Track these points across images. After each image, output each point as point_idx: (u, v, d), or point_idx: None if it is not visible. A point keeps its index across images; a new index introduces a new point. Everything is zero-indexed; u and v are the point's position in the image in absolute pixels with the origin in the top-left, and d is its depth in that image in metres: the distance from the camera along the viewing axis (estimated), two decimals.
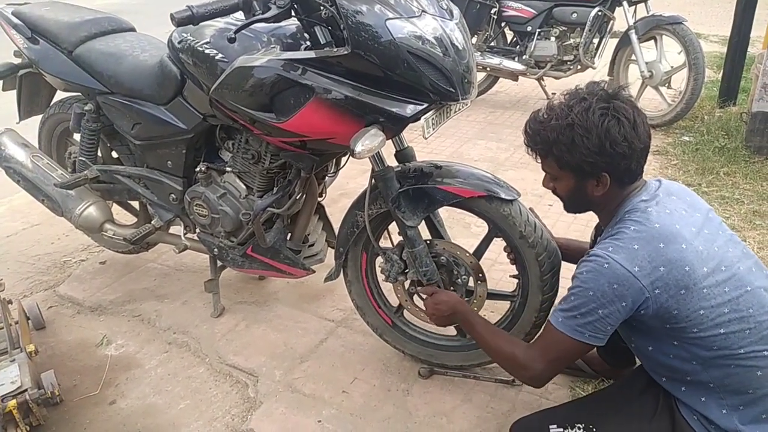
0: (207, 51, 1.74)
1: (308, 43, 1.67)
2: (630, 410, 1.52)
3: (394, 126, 1.59)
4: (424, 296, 1.87)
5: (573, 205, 1.58)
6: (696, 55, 3.77)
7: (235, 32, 1.55)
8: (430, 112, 1.63)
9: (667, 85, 4.13)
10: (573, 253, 1.85)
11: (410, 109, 1.54)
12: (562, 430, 1.51)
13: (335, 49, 1.52)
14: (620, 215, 1.45)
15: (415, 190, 1.78)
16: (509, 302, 1.97)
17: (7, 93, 2.63)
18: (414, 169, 1.81)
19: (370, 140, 1.52)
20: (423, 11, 1.53)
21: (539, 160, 1.52)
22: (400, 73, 1.48)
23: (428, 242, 1.88)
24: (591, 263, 1.38)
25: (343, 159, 2.13)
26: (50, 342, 2.32)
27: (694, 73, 3.81)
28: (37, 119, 2.70)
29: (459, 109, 1.79)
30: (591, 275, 1.37)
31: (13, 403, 1.78)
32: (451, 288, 1.93)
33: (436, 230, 1.98)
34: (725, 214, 3.01)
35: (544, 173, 1.55)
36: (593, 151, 1.38)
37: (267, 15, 1.52)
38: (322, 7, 1.50)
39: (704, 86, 4.84)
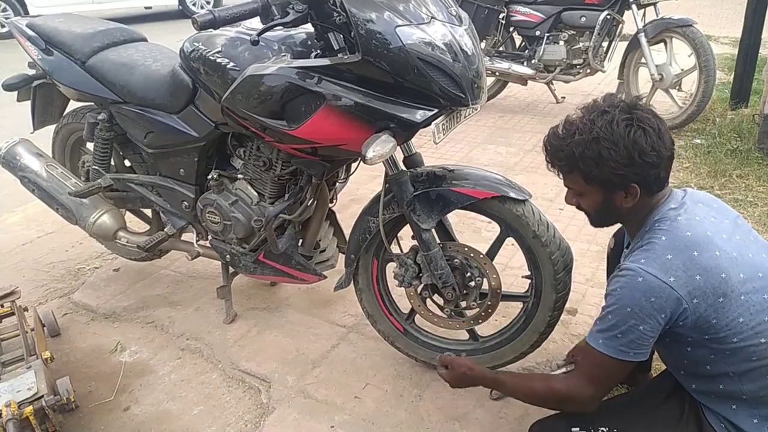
0: (218, 60, 1.76)
1: (319, 50, 1.69)
2: (655, 414, 1.50)
3: (404, 132, 1.60)
4: (440, 370, 1.75)
5: (600, 219, 1.54)
6: (707, 57, 3.76)
7: (258, 34, 1.57)
8: (441, 118, 1.64)
9: (677, 87, 4.12)
10: None
11: (421, 115, 1.55)
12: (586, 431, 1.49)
13: (346, 57, 1.53)
14: (649, 225, 1.43)
15: (429, 193, 1.79)
16: (522, 303, 1.97)
17: (22, 103, 2.67)
18: (426, 173, 1.82)
19: (382, 146, 1.53)
20: (432, 18, 1.54)
21: (561, 176, 1.49)
22: (411, 79, 1.49)
23: (441, 245, 1.89)
24: (624, 278, 1.35)
25: (354, 165, 2.14)
26: (65, 349, 2.34)
27: (704, 76, 3.79)
28: (51, 129, 2.74)
29: (469, 114, 1.80)
30: (626, 291, 1.34)
31: (29, 409, 1.80)
32: (464, 291, 1.92)
33: (447, 234, 1.99)
34: None
35: (566, 189, 1.52)
36: (622, 164, 1.35)
37: (286, 19, 1.53)
38: (336, 13, 1.51)
39: (715, 88, 4.82)
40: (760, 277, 1.34)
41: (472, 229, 3.04)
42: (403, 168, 1.81)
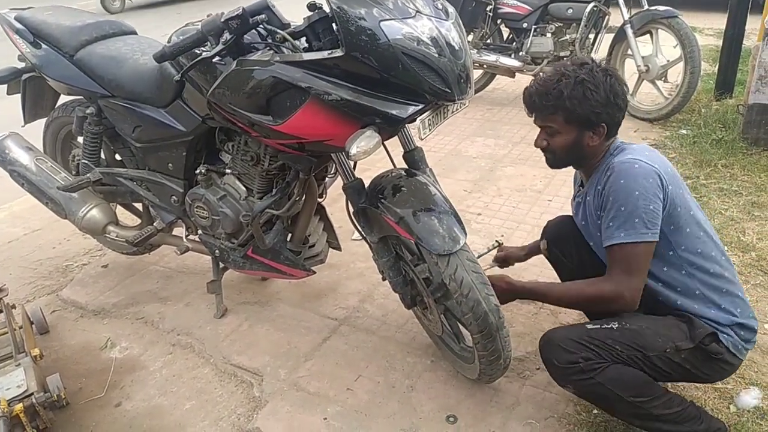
0: (204, 54, 1.75)
1: (306, 44, 1.68)
2: (654, 315, 1.70)
3: (390, 127, 1.60)
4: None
5: (563, 159, 1.75)
6: (692, 48, 3.78)
7: (181, 75, 1.77)
8: (427, 113, 1.64)
9: (663, 78, 4.14)
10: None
11: (406, 110, 1.54)
12: (599, 326, 1.64)
13: (330, 51, 1.52)
14: (608, 155, 1.69)
15: (367, 209, 1.81)
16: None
17: (12, 97, 2.64)
18: (376, 188, 1.79)
19: (366, 142, 1.53)
20: (418, 12, 1.52)
21: (538, 120, 1.71)
22: (396, 74, 1.48)
23: (396, 255, 1.92)
24: (621, 170, 1.59)
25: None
26: (55, 346, 2.33)
27: (690, 67, 3.82)
28: (42, 122, 2.71)
29: (457, 109, 1.79)
30: (629, 179, 1.57)
31: (19, 406, 1.79)
32: (415, 306, 2.01)
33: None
34: (724, 206, 3.02)
35: (539, 130, 1.73)
36: (601, 103, 1.60)
37: (211, 52, 1.64)
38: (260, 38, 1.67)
39: (701, 79, 4.86)
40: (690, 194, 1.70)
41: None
42: (359, 177, 1.84)
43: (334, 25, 1.54)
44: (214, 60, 1.70)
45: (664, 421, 1.62)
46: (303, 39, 1.68)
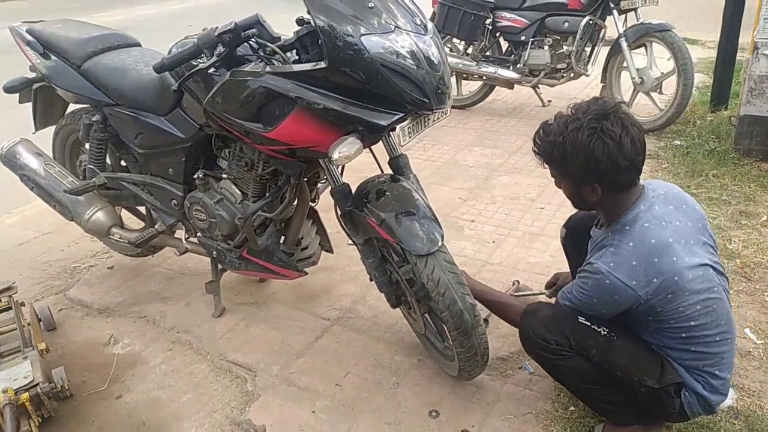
0: (200, 65, 1.86)
1: (296, 56, 1.79)
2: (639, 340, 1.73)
3: (371, 134, 1.71)
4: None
5: (576, 205, 1.79)
6: (684, 61, 3.86)
7: (179, 85, 1.88)
8: (407, 122, 1.74)
9: (658, 90, 4.21)
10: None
11: (386, 119, 1.64)
12: (589, 324, 1.69)
13: (315, 63, 1.62)
14: (621, 224, 1.64)
15: (353, 212, 1.90)
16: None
17: (24, 105, 2.78)
18: (362, 192, 1.89)
19: (348, 148, 1.64)
20: (397, 27, 1.62)
21: (545, 166, 1.71)
22: (376, 84, 1.58)
23: (383, 257, 2.02)
24: (594, 277, 1.62)
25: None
26: (61, 342, 2.44)
27: (683, 79, 3.90)
28: (51, 130, 2.85)
29: (437, 118, 1.89)
30: (594, 289, 1.63)
31: (26, 396, 1.90)
32: (400, 305, 2.10)
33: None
34: (712, 215, 3.09)
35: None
36: (580, 167, 1.58)
37: (206, 65, 1.74)
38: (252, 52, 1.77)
39: (699, 91, 4.94)
40: (701, 275, 1.60)
41: (455, 227, 3.14)
42: (345, 182, 1.94)
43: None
44: (209, 71, 1.81)
45: (609, 403, 1.74)
46: (294, 52, 1.78)
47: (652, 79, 4.11)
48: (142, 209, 2.80)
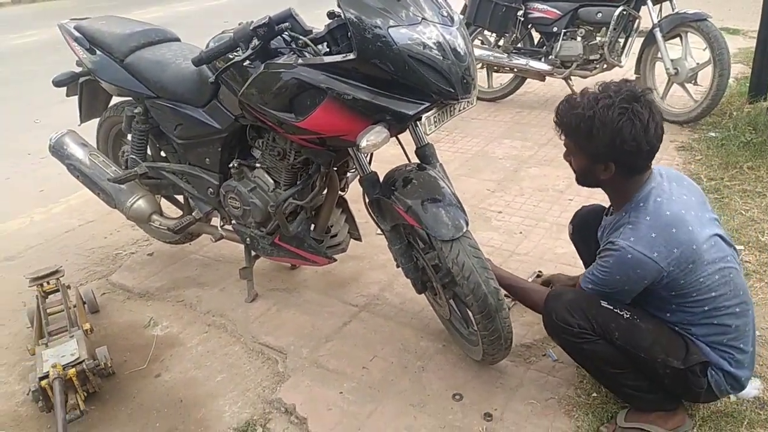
0: (236, 58, 1.94)
1: (327, 48, 1.86)
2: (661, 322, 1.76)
3: (398, 123, 1.76)
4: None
5: (582, 181, 1.80)
6: (721, 51, 3.79)
7: (216, 77, 1.97)
8: (432, 111, 1.78)
9: (693, 81, 4.14)
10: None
11: (413, 108, 1.70)
12: (612, 307, 1.71)
13: (344, 55, 1.69)
14: (634, 202, 1.68)
15: (381, 200, 1.96)
16: None
17: (70, 99, 2.92)
18: (392, 180, 1.95)
19: (375, 136, 1.70)
20: (424, 19, 1.67)
21: (562, 135, 1.73)
22: (403, 75, 1.64)
23: (409, 244, 2.07)
24: (616, 253, 1.64)
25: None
26: (104, 323, 2.58)
27: (719, 69, 3.83)
28: (95, 122, 2.98)
29: (463, 108, 1.93)
30: (617, 265, 1.65)
31: (73, 371, 2.03)
32: (426, 291, 2.17)
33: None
34: (746, 207, 3.05)
35: (564, 147, 1.77)
36: (605, 144, 1.59)
37: (241, 57, 1.83)
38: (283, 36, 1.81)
39: (738, 82, 4.83)
40: (714, 246, 1.65)
41: (483, 218, 3.18)
42: (373, 170, 2.00)
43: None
44: (244, 64, 1.89)
45: (633, 388, 1.75)
46: (324, 44, 1.85)
47: (687, 70, 4.04)
48: (180, 198, 2.91)
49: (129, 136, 2.70)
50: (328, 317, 2.48)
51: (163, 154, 2.70)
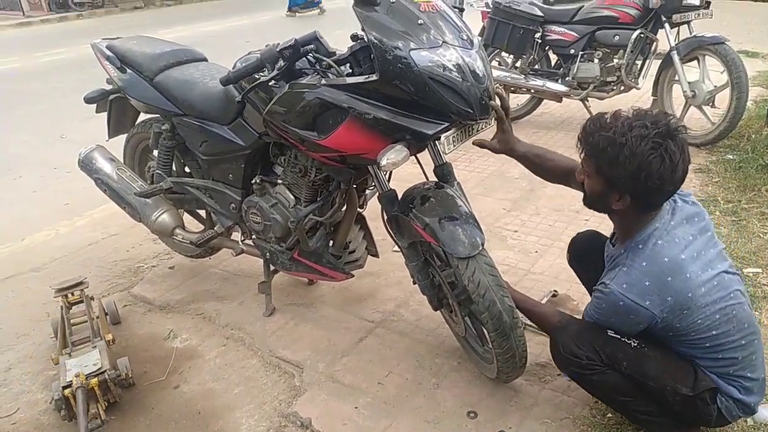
0: (262, 78, 2.01)
1: (350, 70, 1.91)
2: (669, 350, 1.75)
3: (417, 143, 1.82)
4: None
5: (591, 204, 1.75)
6: (738, 74, 3.81)
7: (242, 96, 2.04)
8: (451, 131, 1.83)
9: (711, 104, 4.15)
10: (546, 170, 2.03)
11: (432, 128, 1.75)
12: (619, 336, 1.71)
13: (367, 76, 1.75)
14: (635, 241, 1.65)
15: (399, 216, 2.00)
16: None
17: (95, 115, 3.02)
18: (408, 198, 1.99)
19: (395, 155, 1.76)
20: (444, 42, 1.73)
21: (582, 153, 1.67)
22: (423, 96, 1.69)
23: (426, 261, 2.10)
24: (608, 298, 1.65)
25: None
26: (125, 335, 2.63)
27: (737, 92, 3.84)
28: (123, 138, 3.07)
29: (481, 128, 1.97)
30: (610, 309, 1.67)
31: (95, 381, 2.08)
32: (442, 308, 2.18)
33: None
34: (763, 230, 3.04)
35: (581, 165, 1.71)
36: (629, 175, 1.53)
37: (267, 77, 1.88)
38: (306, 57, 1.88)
39: (756, 105, 4.82)
40: (715, 285, 1.63)
41: (499, 237, 3.20)
42: (391, 188, 2.04)
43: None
44: (270, 83, 1.96)
45: (645, 414, 1.75)
46: (347, 65, 1.91)
47: (705, 93, 4.06)
48: (202, 213, 2.98)
49: (155, 152, 2.78)
50: (344, 332, 2.51)
51: (187, 169, 2.78)
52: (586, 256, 2.10)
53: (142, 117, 2.92)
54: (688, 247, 1.61)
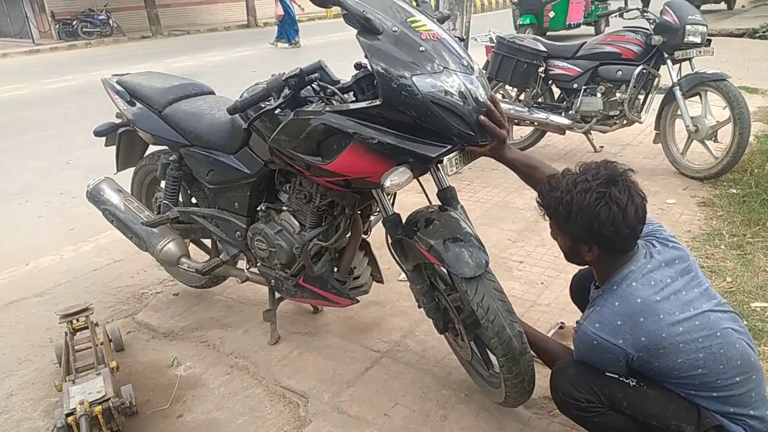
0: (267, 106, 2.04)
1: (353, 98, 1.94)
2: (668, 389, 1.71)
3: (421, 165, 1.85)
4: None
5: (570, 260, 1.81)
6: (741, 110, 3.85)
7: (248, 124, 2.06)
8: (454, 154, 1.86)
9: (713, 138, 4.19)
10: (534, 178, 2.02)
11: (435, 151, 1.79)
12: (617, 376, 1.69)
13: (370, 102, 1.79)
14: (610, 282, 1.69)
15: (403, 240, 2.01)
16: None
17: (101, 141, 3.06)
18: (414, 221, 2.01)
19: (398, 177, 1.79)
20: (446, 68, 1.77)
21: (545, 217, 1.75)
22: (425, 120, 1.73)
23: (430, 284, 2.11)
24: (583, 339, 1.68)
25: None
26: (128, 362, 2.61)
27: (739, 128, 3.88)
28: (130, 171, 3.11)
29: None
30: (586, 350, 1.69)
31: (99, 408, 2.06)
32: (447, 332, 2.18)
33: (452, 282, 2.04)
34: None
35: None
36: (583, 227, 1.61)
37: (273, 106, 1.90)
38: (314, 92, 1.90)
39: (758, 140, 4.87)
40: (696, 325, 1.60)
41: (504, 268, 3.20)
42: (396, 212, 2.06)
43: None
44: (275, 111, 1.99)
45: None
46: (351, 93, 1.94)
47: (707, 128, 4.10)
48: (207, 242, 2.99)
49: (162, 183, 2.81)
50: (350, 362, 2.49)
51: (193, 200, 2.80)
52: (586, 293, 2.09)
53: (151, 149, 2.95)
54: (664, 289, 1.62)
